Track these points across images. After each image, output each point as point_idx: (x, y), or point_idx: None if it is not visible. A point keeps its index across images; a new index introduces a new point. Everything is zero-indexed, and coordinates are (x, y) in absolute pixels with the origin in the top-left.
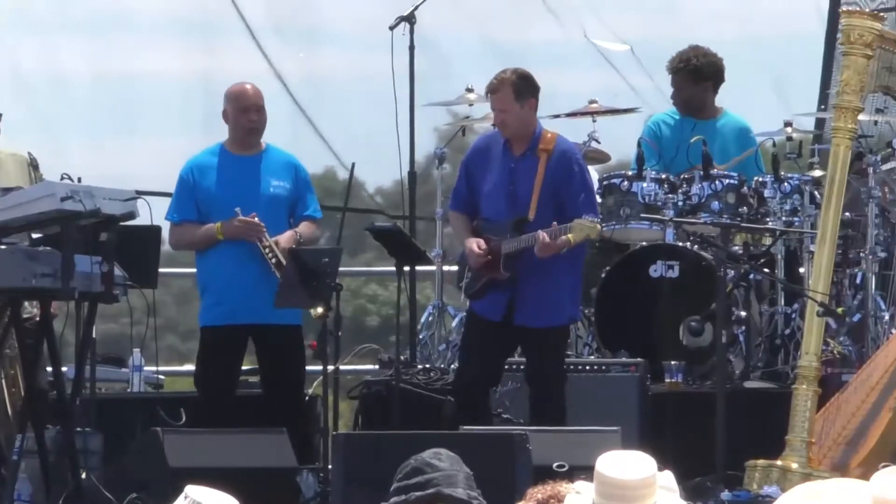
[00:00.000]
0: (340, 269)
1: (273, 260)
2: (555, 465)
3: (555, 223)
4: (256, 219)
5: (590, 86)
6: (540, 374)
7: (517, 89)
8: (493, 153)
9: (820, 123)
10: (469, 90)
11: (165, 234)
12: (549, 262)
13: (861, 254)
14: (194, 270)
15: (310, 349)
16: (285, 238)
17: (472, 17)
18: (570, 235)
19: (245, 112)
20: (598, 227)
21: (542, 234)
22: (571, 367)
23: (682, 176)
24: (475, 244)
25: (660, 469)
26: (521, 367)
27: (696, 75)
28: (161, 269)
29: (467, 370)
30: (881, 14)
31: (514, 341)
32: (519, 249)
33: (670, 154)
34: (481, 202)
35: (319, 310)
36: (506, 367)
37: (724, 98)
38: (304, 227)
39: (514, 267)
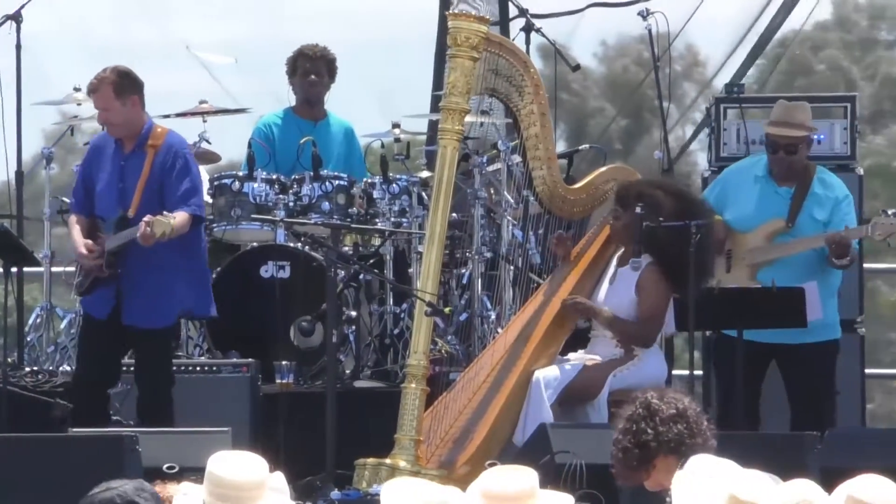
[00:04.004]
0: None
1: None
2: (165, 466)
3: (149, 216)
4: None
5: (197, 87)
6: (146, 375)
7: (117, 87)
8: (107, 152)
9: (434, 125)
10: (76, 89)
11: None
12: (155, 261)
13: (468, 254)
14: None
15: None
16: None
17: (79, 18)
18: (153, 230)
19: None
20: (172, 222)
21: (140, 225)
22: (182, 367)
23: (293, 177)
24: (82, 245)
25: (270, 470)
26: (132, 368)
27: (332, 69)
28: None
29: (80, 370)
30: (488, 17)
31: (125, 340)
32: (120, 245)
33: (281, 155)
34: (96, 201)
35: None
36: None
37: (333, 99)
38: None
39: (118, 264)
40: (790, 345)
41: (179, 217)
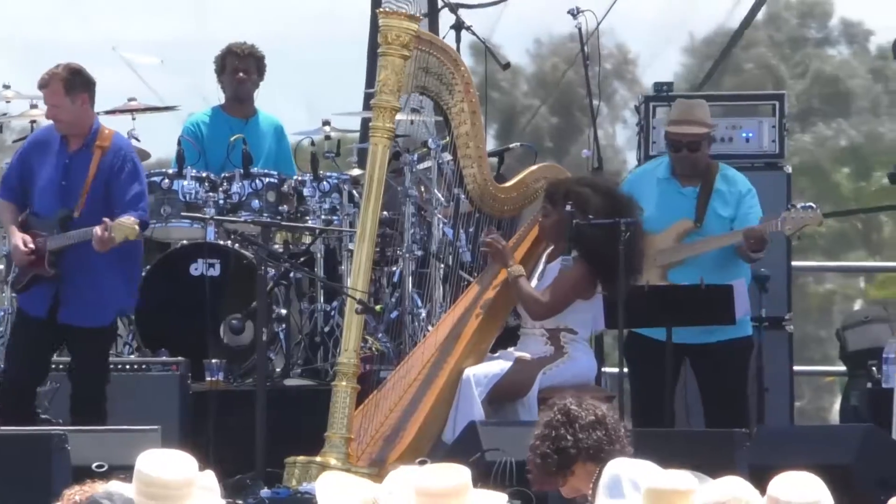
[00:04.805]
0: None
1: None
2: (94, 465)
3: (106, 220)
4: None
5: (124, 86)
6: (82, 373)
7: (67, 84)
8: (51, 147)
9: (367, 123)
10: (6, 87)
11: None
12: (95, 261)
13: (399, 252)
14: None
15: None
16: None
17: (6, 17)
18: (112, 234)
19: None
20: (136, 228)
21: (97, 229)
22: (111, 365)
23: (222, 174)
24: (21, 241)
25: (200, 468)
26: (62, 366)
27: (260, 66)
28: None
29: (11, 368)
30: (419, 16)
31: (60, 339)
32: (65, 246)
33: (211, 153)
34: (34, 196)
35: None
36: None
37: (259, 98)
38: None
39: (60, 263)
40: (700, 344)
41: (132, 222)
